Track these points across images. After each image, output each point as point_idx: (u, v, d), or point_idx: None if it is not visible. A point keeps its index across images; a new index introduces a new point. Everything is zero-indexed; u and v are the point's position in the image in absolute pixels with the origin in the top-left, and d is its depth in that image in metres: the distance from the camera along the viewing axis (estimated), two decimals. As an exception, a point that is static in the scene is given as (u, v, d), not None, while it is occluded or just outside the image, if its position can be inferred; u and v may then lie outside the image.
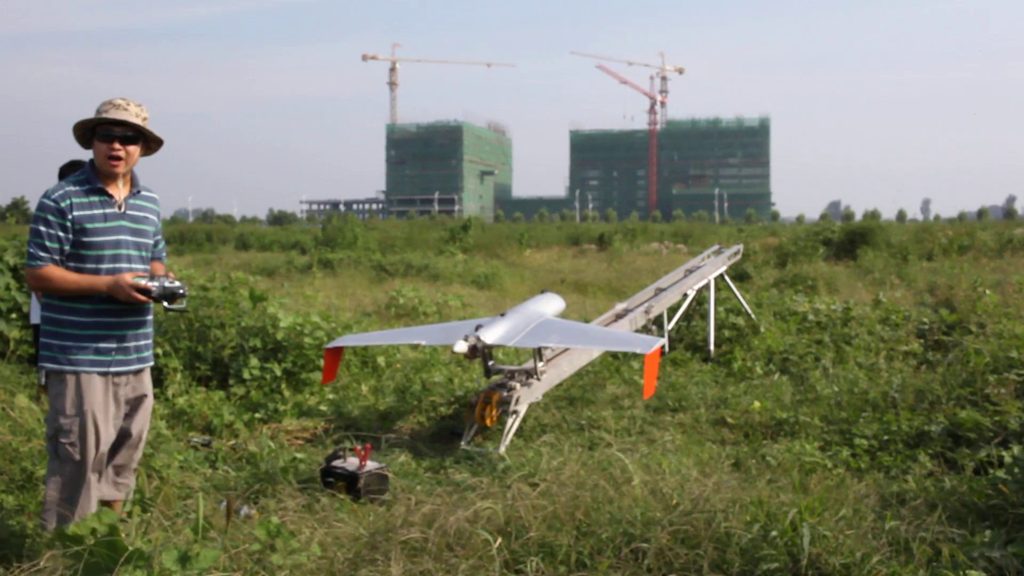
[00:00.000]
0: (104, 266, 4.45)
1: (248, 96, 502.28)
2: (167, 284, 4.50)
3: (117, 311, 4.49)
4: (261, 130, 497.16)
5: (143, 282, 4.42)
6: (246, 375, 8.31)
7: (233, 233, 48.82)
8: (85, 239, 4.41)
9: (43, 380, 6.51)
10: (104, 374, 4.47)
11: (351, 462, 5.85)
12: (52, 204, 4.36)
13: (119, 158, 4.47)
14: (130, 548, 3.01)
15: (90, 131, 4.49)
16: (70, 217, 4.37)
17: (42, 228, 4.36)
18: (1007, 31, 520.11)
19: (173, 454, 6.14)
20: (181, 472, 5.99)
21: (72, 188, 4.43)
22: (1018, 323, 9.67)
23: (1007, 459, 5.33)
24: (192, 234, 47.88)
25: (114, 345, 4.49)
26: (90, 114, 4.48)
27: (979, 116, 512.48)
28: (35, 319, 7.22)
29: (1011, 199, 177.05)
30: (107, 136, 4.45)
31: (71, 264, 4.41)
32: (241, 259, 30.06)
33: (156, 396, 6.59)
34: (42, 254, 4.35)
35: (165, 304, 4.50)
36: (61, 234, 4.37)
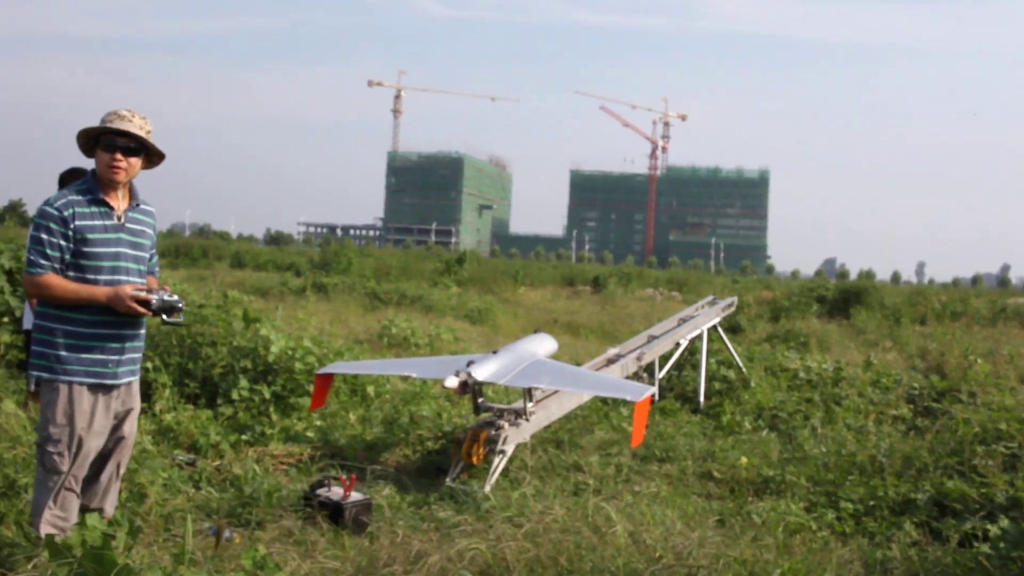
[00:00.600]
0: (103, 277, 4.46)
1: (251, 114, 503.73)
2: (166, 297, 4.51)
3: (113, 323, 4.49)
4: (262, 149, 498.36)
5: (143, 294, 4.43)
6: (235, 396, 8.28)
7: (229, 250, 48.83)
8: (85, 249, 4.43)
9: (32, 387, 6.49)
10: (96, 385, 4.46)
11: (336, 491, 5.83)
12: (55, 212, 4.37)
13: (120, 168, 4.49)
14: (119, 563, 2.99)
15: (93, 140, 4.53)
16: (72, 226, 4.39)
17: (43, 236, 4.37)
18: (1010, 98, 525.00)
19: (157, 471, 6.12)
20: (164, 490, 5.95)
21: (75, 197, 4.45)
22: (1008, 395, 9.68)
23: (992, 532, 5.32)
24: (188, 248, 47.86)
25: (108, 356, 4.49)
26: (92, 121, 4.52)
27: (978, 182, 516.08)
28: (27, 324, 7.20)
29: (1006, 267, 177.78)
30: (110, 146, 4.48)
31: (70, 274, 4.42)
32: (236, 277, 30.06)
33: (143, 411, 6.55)
34: (43, 262, 4.36)
35: (163, 317, 4.51)
36: (62, 243, 4.38)
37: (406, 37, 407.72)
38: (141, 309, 4.43)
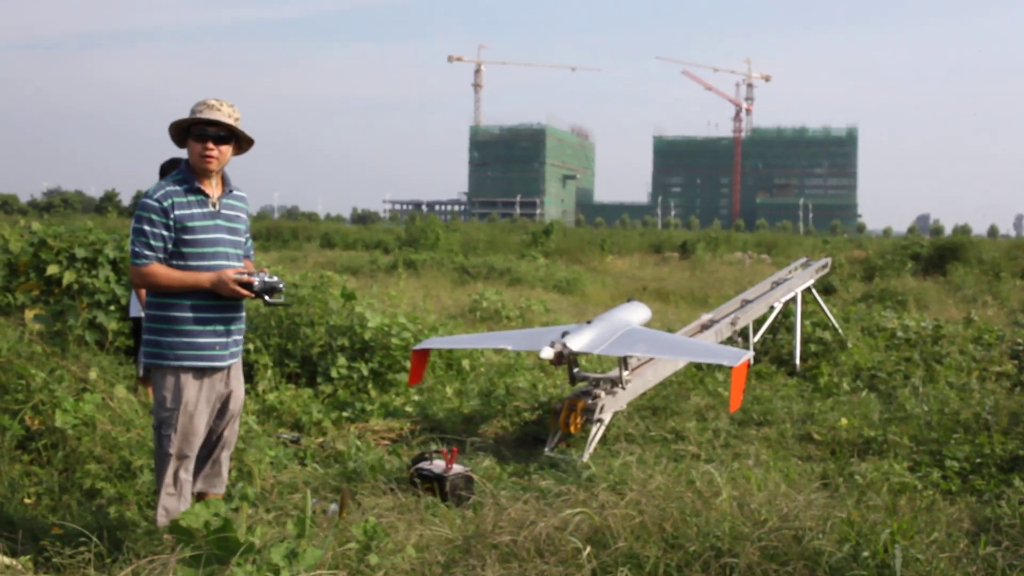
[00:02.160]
0: (205, 263, 4.57)
1: (334, 95, 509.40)
2: (267, 279, 4.62)
3: (216, 307, 4.61)
4: (346, 129, 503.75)
5: (245, 277, 4.54)
6: (334, 374, 8.46)
7: (318, 231, 49.50)
8: (186, 237, 4.54)
9: (142, 373, 6.71)
10: (202, 369, 4.60)
11: (437, 464, 5.92)
12: (155, 204, 4.49)
13: (212, 157, 4.59)
14: (243, 542, 3.10)
15: (184, 130, 4.61)
16: (172, 216, 4.50)
17: (146, 227, 4.48)
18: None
19: (264, 449, 6.29)
20: (271, 468, 6.12)
21: (172, 188, 4.56)
22: (1118, 347, 9.42)
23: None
24: (278, 231, 48.63)
25: (213, 340, 4.61)
26: (183, 110, 4.63)
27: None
28: (134, 312, 7.42)
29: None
30: (201, 136, 4.56)
31: (173, 262, 4.54)
32: (326, 257, 30.51)
33: (247, 392, 6.73)
34: (147, 252, 4.48)
35: (266, 298, 4.62)
36: (165, 233, 4.50)
37: (484, 11, 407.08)
38: (245, 291, 4.55)
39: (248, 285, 4.55)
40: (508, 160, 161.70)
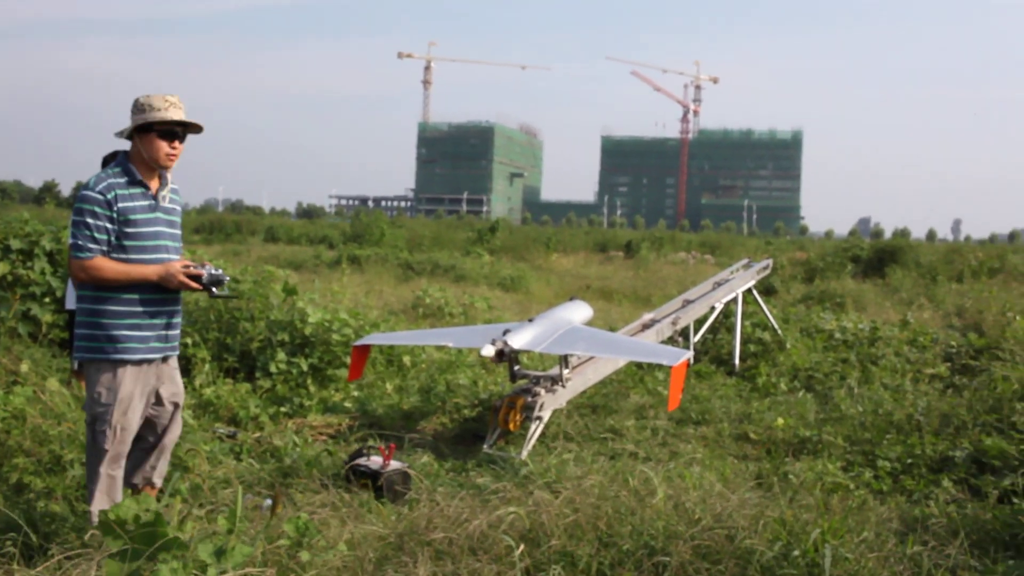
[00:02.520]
0: (146, 256, 4.53)
1: (281, 89, 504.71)
2: (212, 272, 4.61)
3: (157, 300, 4.57)
4: (292, 123, 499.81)
5: (192, 269, 4.51)
6: (273, 369, 8.38)
7: (262, 225, 49.08)
8: (129, 230, 4.49)
9: (76, 366, 6.60)
10: (139, 362, 4.54)
11: (375, 460, 5.90)
12: (99, 196, 4.42)
13: (175, 155, 4.61)
14: (171, 537, 3.06)
15: (146, 126, 4.55)
16: (115, 209, 4.45)
17: (89, 220, 4.41)
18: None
19: (199, 444, 6.22)
20: (207, 463, 6.05)
21: (115, 180, 4.50)
22: (1047, 351, 9.62)
23: (1032, 488, 5.31)
24: (221, 224, 48.12)
25: (152, 333, 4.57)
26: (123, 102, 4.59)
27: (1014, 138, 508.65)
28: (70, 304, 7.30)
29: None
30: (170, 135, 4.55)
31: (114, 255, 4.47)
32: (269, 251, 30.25)
33: (184, 386, 6.66)
34: (91, 245, 4.41)
35: (212, 291, 4.60)
36: (108, 225, 4.44)
37: (435, 8, 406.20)
38: (194, 284, 4.53)
39: (197, 278, 4.53)
40: (456, 157, 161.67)
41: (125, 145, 4.67)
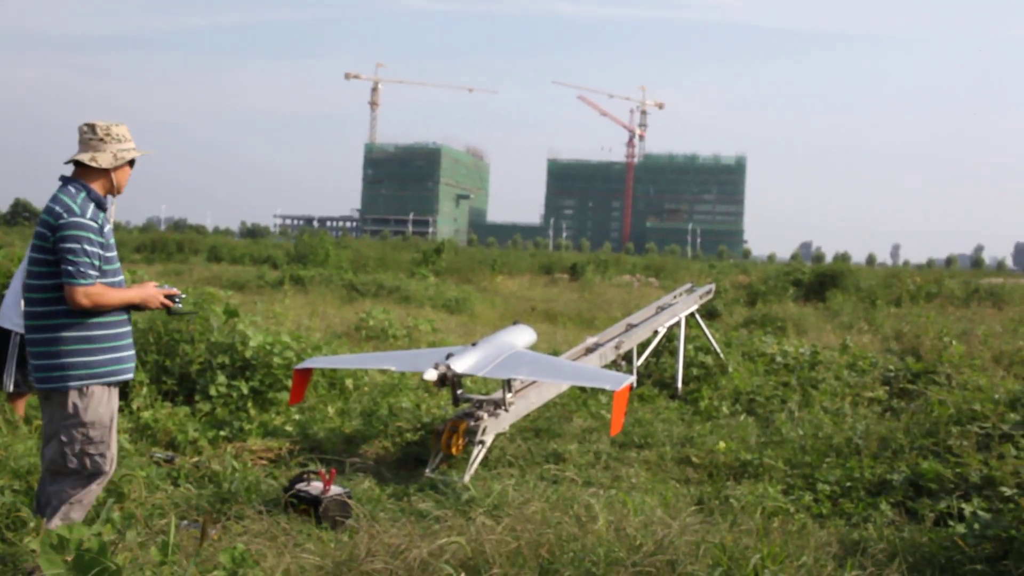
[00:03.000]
0: (116, 279, 4.64)
1: (227, 109, 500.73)
2: (174, 290, 4.78)
3: (126, 322, 4.68)
4: (238, 143, 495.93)
5: (167, 289, 4.70)
6: (213, 392, 8.26)
7: (205, 244, 48.57)
8: (108, 254, 4.59)
9: (11, 388, 6.47)
10: (115, 384, 4.65)
11: (315, 486, 5.83)
12: (93, 224, 4.50)
13: None
14: (106, 564, 2.99)
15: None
16: (103, 235, 4.55)
17: (88, 247, 4.46)
18: (980, 83, 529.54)
19: (135, 469, 6.10)
20: (143, 488, 5.93)
21: (94, 206, 4.57)
22: (982, 375, 9.79)
23: (967, 512, 5.38)
24: (163, 243, 47.56)
25: (130, 353, 4.70)
26: (72, 120, 4.75)
27: (950, 166, 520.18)
28: (7, 324, 7.10)
29: (979, 248, 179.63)
30: (132, 163, 4.77)
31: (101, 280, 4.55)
32: (212, 271, 29.92)
33: (120, 409, 6.54)
34: (92, 272, 4.46)
35: (173, 307, 4.77)
36: (100, 252, 4.52)
37: (383, 30, 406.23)
38: (170, 303, 4.72)
39: (171, 297, 4.72)
40: (402, 178, 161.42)
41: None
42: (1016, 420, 7.25)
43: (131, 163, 4.75)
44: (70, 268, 4.42)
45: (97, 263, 4.48)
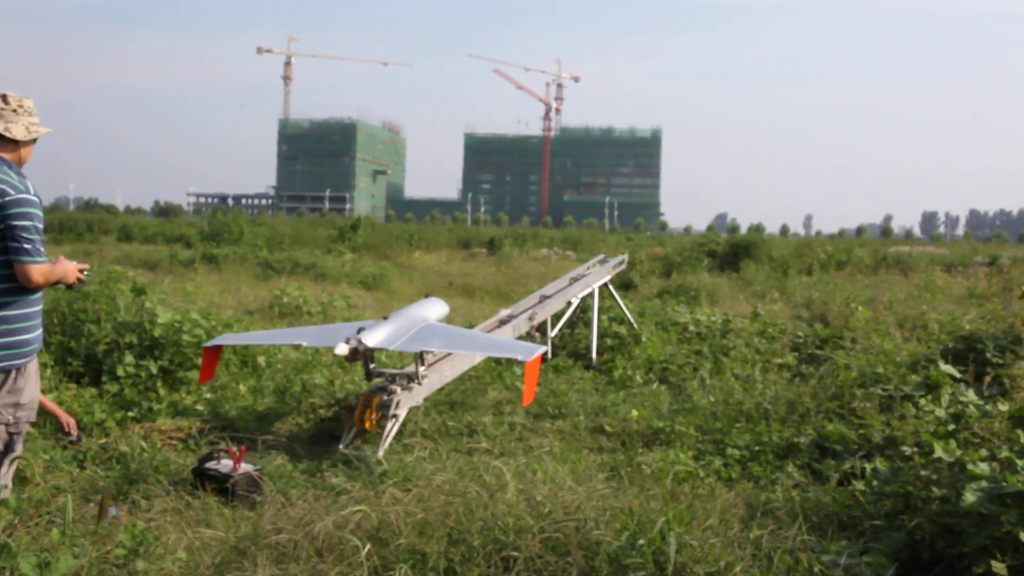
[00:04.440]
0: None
1: (136, 85, 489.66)
2: (84, 265, 4.79)
3: (41, 298, 4.64)
4: (149, 120, 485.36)
5: (75, 264, 4.68)
6: (120, 372, 8.10)
7: (116, 224, 47.47)
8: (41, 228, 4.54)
9: None
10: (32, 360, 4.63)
11: (225, 464, 5.77)
12: (39, 200, 4.46)
13: None
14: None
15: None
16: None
17: (38, 224, 4.42)
18: (887, 53, 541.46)
19: (39, 452, 5.97)
20: (47, 472, 5.81)
21: (27, 180, 4.50)
22: (887, 339, 10.04)
23: (868, 471, 5.53)
24: (72, 223, 46.39)
25: (40, 331, 4.64)
26: None
27: (860, 135, 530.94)
28: None
29: (888, 218, 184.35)
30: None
31: None
32: (123, 251, 29.31)
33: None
34: (42, 248, 4.43)
35: (84, 283, 4.79)
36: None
37: (295, 3, 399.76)
38: (83, 277, 4.70)
39: (82, 271, 4.72)
40: (318, 154, 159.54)
41: None
42: (917, 382, 7.44)
43: (34, 140, 4.65)
44: (26, 246, 4.35)
45: (43, 239, 4.46)
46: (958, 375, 7.41)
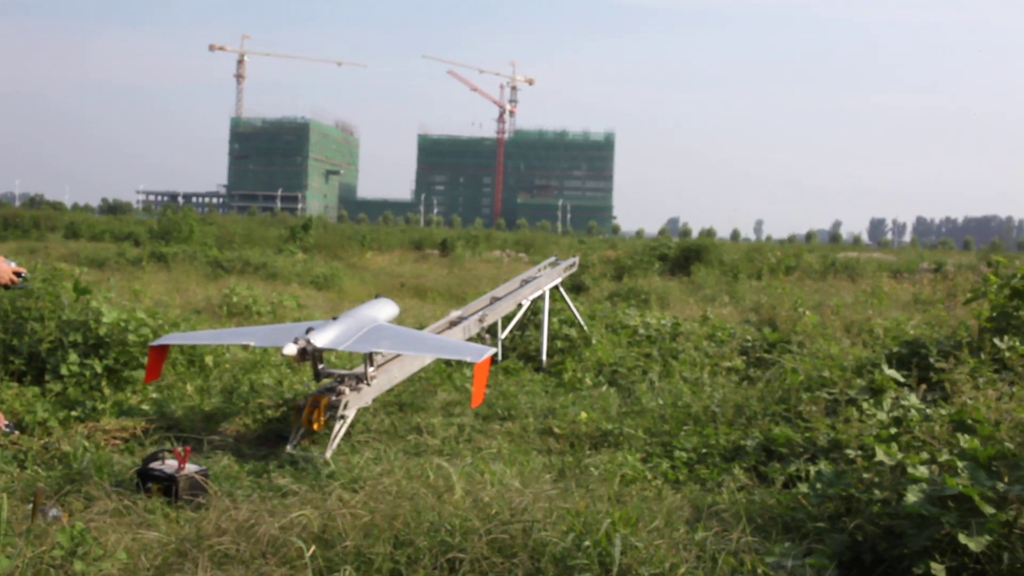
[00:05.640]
0: None
1: (85, 79, 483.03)
2: (21, 268, 4.66)
3: None
4: (97, 115, 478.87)
5: (13, 264, 4.50)
6: (64, 371, 7.97)
7: (63, 221, 46.84)
8: None
9: None
10: None
11: (169, 464, 5.70)
12: None
13: None
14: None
15: None
16: None
17: None
18: (836, 59, 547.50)
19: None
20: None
21: None
22: (833, 344, 10.14)
23: (813, 474, 5.58)
24: (17, 219, 45.66)
25: None
26: None
27: (810, 142, 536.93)
28: None
29: (837, 224, 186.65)
30: None
31: None
32: (70, 248, 28.91)
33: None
34: None
35: (21, 285, 4.70)
36: None
37: (249, 1, 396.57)
38: (16, 279, 4.48)
39: (18, 273, 4.61)
40: (270, 153, 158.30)
41: None
42: (862, 385, 7.53)
43: None
44: None
45: None
46: (902, 379, 7.50)
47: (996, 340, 7.84)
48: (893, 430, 6.03)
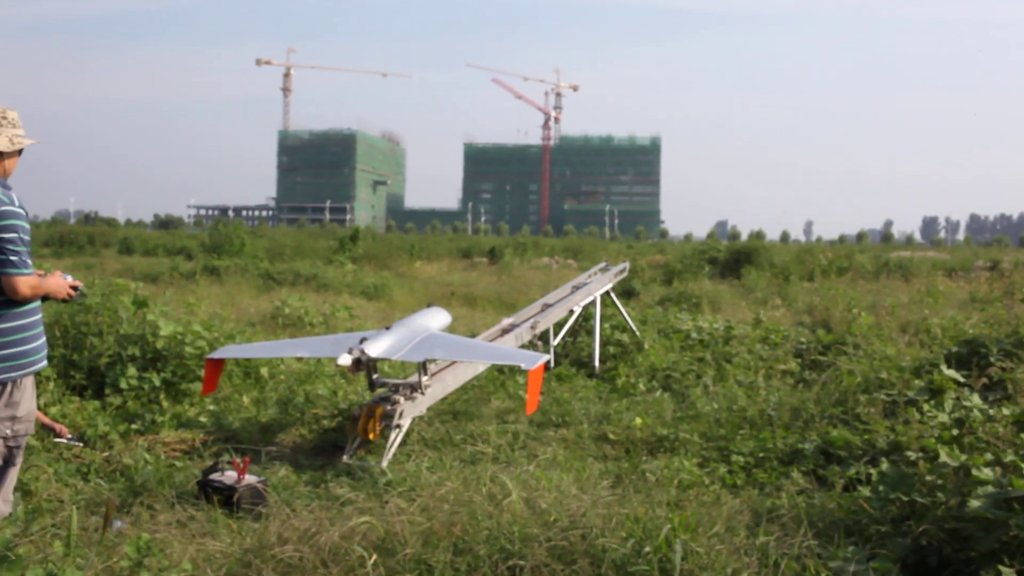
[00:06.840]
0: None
1: (137, 98, 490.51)
2: (78, 282, 4.78)
3: (40, 309, 4.63)
4: (149, 132, 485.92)
5: (70, 279, 4.67)
6: (123, 384, 8.10)
7: (116, 236, 47.51)
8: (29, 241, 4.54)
9: None
10: (36, 373, 4.64)
11: (229, 475, 5.76)
12: (23, 212, 4.44)
13: None
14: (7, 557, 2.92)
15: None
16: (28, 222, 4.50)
17: (24, 236, 4.41)
18: (891, 58, 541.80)
19: (43, 465, 5.96)
20: (50, 484, 5.80)
21: (11, 192, 4.50)
22: (889, 345, 10.02)
23: (874, 477, 5.51)
24: (73, 236, 46.41)
25: (43, 342, 4.64)
26: None
27: (860, 142, 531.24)
28: None
29: (889, 223, 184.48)
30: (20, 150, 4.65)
31: None
32: (124, 263, 29.33)
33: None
34: (29, 261, 4.43)
35: (77, 299, 4.80)
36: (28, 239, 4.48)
37: (294, 14, 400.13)
38: (73, 294, 4.69)
39: (75, 287, 4.72)
40: (318, 165, 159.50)
41: None
42: (921, 386, 7.43)
43: (19, 152, 4.64)
44: (13, 259, 4.36)
45: (30, 251, 4.46)
46: (962, 379, 7.39)
47: (1058, 338, 7.70)
48: (955, 431, 5.94)
